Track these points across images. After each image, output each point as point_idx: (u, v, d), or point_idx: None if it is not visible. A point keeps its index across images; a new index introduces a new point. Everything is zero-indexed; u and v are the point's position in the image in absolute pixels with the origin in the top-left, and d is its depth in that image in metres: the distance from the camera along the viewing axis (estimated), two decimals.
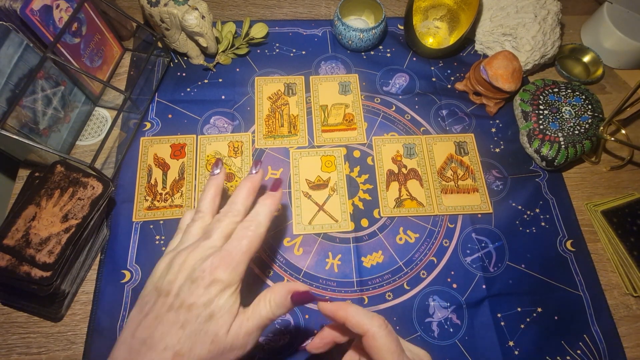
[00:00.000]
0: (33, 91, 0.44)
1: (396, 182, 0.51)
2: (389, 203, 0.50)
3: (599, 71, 0.62)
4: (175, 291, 0.31)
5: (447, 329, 0.44)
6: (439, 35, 0.62)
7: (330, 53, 0.60)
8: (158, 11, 0.50)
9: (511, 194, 0.52)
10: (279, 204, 0.40)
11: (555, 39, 0.58)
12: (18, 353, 0.41)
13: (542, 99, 0.54)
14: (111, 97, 0.55)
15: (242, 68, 0.58)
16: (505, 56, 0.53)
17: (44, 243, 0.39)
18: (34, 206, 0.40)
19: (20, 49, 0.42)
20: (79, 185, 0.42)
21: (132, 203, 0.48)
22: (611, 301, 0.47)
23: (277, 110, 0.55)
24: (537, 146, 0.52)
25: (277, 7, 0.65)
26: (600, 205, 0.52)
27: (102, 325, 0.42)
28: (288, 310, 0.33)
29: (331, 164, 0.52)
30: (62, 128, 0.49)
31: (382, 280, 0.46)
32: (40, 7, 0.43)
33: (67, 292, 0.42)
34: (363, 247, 0.47)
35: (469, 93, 0.58)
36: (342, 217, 0.49)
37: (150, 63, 0.57)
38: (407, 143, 0.54)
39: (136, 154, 0.51)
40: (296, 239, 0.48)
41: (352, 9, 0.61)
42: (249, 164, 0.51)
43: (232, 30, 0.57)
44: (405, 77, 0.59)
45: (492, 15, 0.60)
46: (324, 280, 0.46)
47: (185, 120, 0.54)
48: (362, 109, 0.56)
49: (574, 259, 0.48)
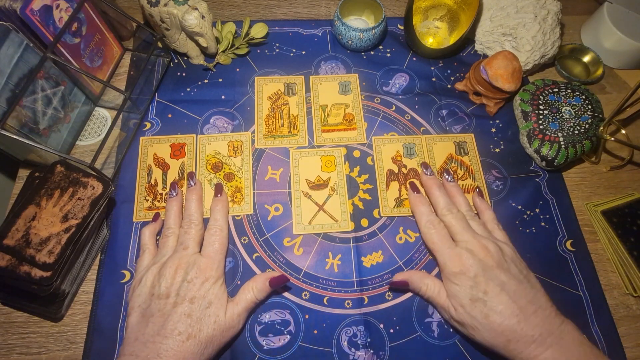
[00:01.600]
0: (33, 91, 0.44)
1: (396, 182, 0.51)
2: (389, 203, 0.50)
3: (599, 71, 0.62)
4: (175, 292, 0.38)
5: (447, 329, 0.44)
6: (439, 35, 0.62)
7: (330, 53, 0.60)
8: (158, 11, 0.50)
9: (511, 194, 0.52)
10: (228, 204, 0.48)
11: (555, 39, 0.58)
12: (18, 353, 0.41)
13: (542, 99, 0.54)
14: (111, 97, 0.55)
15: (242, 68, 0.58)
16: (505, 56, 0.53)
17: (44, 243, 0.39)
18: (34, 206, 0.40)
19: (20, 49, 0.42)
20: (79, 185, 0.42)
21: (132, 203, 0.48)
22: (611, 301, 0.47)
23: (277, 110, 0.55)
24: (537, 146, 0.52)
25: (277, 7, 0.65)
26: (600, 205, 0.52)
27: (102, 325, 0.42)
28: (267, 293, 0.42)
29: (331, 164, 0.52)
30: (62, 128, 0.49)
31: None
32: (40, 7, 0.43)
33: (67, 292, 0.42)
34: (363, 247, 0.48)
35: (469, 93, 0.58)
36: (342, 217, 0.49)
37: (150, 63, 0.57)
38: (407, 143, 0.54)
39: (136, 154, 0.51)
40: (296, 239, 0.48)
41: (352, 9, 0.61)
42: (248, 163, 0.51)
43: (232, 30, 0.57)
44: (405, 77, 0.59)
45: (492, 15, 0.60)
46: (324, 280, 0.46)
47: (185, 120, 0.54)
48: (362, 108, 0.56)
49: (574, 259, 0.48)
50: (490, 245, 0.40)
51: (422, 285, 0.42)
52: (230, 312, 0.39)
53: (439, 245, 0.42)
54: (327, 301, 0.45)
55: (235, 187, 0.50)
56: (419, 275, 0.43)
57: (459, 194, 0.47)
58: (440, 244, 0.42)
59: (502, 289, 0.38)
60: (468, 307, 0.38)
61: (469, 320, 0.38)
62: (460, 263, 0.40)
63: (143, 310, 0.38)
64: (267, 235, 0.48)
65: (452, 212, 0.44)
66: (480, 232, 0.43)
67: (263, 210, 0.49)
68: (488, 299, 0.37)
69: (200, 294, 0.38)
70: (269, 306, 0.44)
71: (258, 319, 0.43)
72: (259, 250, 0.47)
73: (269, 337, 0.43)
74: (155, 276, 0.39)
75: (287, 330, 0.43)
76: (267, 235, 0.48)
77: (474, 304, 0.38)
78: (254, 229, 0.48)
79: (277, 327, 0.43)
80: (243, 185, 0.50)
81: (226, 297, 0.40)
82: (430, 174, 0.48)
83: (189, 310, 0.37)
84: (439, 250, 0.42)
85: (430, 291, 0.41)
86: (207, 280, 0.39)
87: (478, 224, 0.44)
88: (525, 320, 0.36)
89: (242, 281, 0.45)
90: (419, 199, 0.47)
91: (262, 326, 0.43)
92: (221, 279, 0.41)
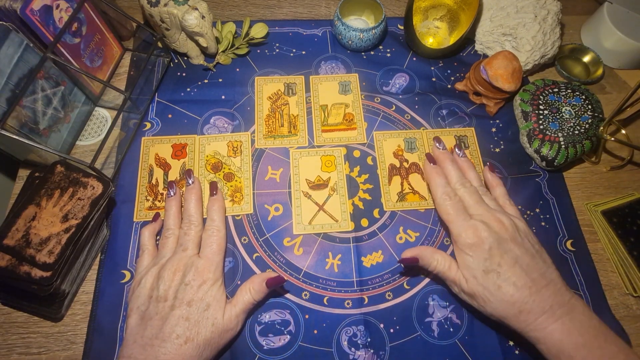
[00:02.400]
0: (33, 91, 0.44)
1: (398, 177, 0.52)
2: (391, 197, 0.50)
3: (599, 71, 0.62)
4: (172, 295, 0.38)
5: (447, 328, 0.44)
6: (439, 35, 0.62)
7: (330, 53, 0.60)
8: (158, 11, 0.50)
9: (511, 194, 0.51)
10: (224, 203, 0.47)
11: (555, 39, 0.58)
12: (18, 353, 0.41)
13: (542, 99, 0.54)
14: (111, 97, 0.55)
15: (242, 68, 0.58)
16: (505, 56, 0.53)
17: (44, 243, 0.39)
18: (34, 206, 0.40)
19: (20, 49, 0.42)
20: (79, 185, 0.42)
21: (132, 203, 0.48)
22: (611, 301, 0.47)
23: (277, 110, 0.55)
24: (537, 146, 0.52)
25: (277, 7, 0.65)
26: (600, 205, 0.52)
27: (102, 325, 0.42)
28: (264, 294, 0.41)
29: (331, 163, 0.52)
30: (62, 128, 0.49)
31: (382, 280, 0.46)
32: (40, 7, 0.43)
33: (67, 292, 0.42)
34: (363, 246, 0.48)
35: (469, 93, 0.58)
36: (342, 217, 0.49)
37: (150, 63, 0.57)
38: (408, 137, 0.54)
39: (136, 154, 0.51)
40: (296, 239, 0.48)
41: (352, 9, 0.61)
42: (248, 163, 0.51)
43: (232, 30, 0.57)
44: (405, 77, 0.59)
45: (492, 15, 0.60)
46: (323, 280, 0.46)
47: (186, 120, 0.54)
48: (362, 108, 0.56)
49: (574, 258, 0.48)
50: (504, 219, 0.41)
51: (432, 260, 0.42)
52: (229, 314, 0.39)
53: (453, 217, 0.42)
54: (327, 301, 0.45)
55: (235, 187, 0.50)
56: (430, 251, 0.42)
57: (471, 169, 0.47)
58: (455, 215, 0.42)
59: (515, 262, 0.38)
60: (481, 278, 0.38)
61: (481, 291, 0.38)
62: (475, 235, 0.40)
63: (142, 312, 0.38)
64: (267, 235, 0.48)
65: (465, 186, 0.44)
66: (493, 207, 0.43)
67: (263, 210, 0.49)
68: (502, 271, 0.38)
69: (198, 297, 0.38)
70: (269, 306, 0.44)
71: (258, 319, 0.43)
72: (259, 250, 0.47)
73: (269, 337, 0.43)
74: (154, 278, 0.39)
75: (287, 330, 0.43)
76: (267, 235, 0.48)
77: (487, 275, 0.38)
78: (254, 229, 0.48)
79: (277, 327, 0.43)
80: (243, 185, 0.50)
81: (224, 299, 0.40)
82: (443, 148, 0.48)
83: (187, 314, 0.37)
84: (453, 222, 0.42)
85: (441, 266, 0.41)
86: (204, 282, 0.39)
87: (490, 199, 0.44)
88: (537, 292, 0.37)
89: (242, 281, 0.45)
90: (436, 170, 0.46)
91: (262, 326, 0.43)
92: (219, 281, 0.41)
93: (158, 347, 0.35)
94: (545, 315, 0.36)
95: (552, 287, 0.38)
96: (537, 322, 0.36)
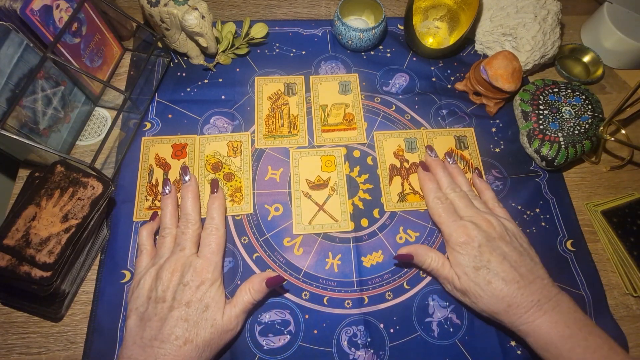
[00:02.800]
0: (33, 91, 0.44)
1: (399, 177, 0.52)
2: (392, 198, 0.50)
3: (599, 71, 0.62)
4: (171, 296, 0.38)
5: (447, 328, 0.44)
6: (439, 35, 0.62)
7: (330, 53, 0.60)
8: (158, 11, 0.50)
9: (511, 194, 0.52)
10: (224, 202, 0.47)
11: (555, 39, 0.58)
12: (18, 353, 0.41)
13: (542, 99, 0.54)
14: (111, 97, 0.55)
15: (242, 68, 0.58)
16: (505, 56, 0.53)
17: (44, 243, 0.39)
18: (34, 206, 0.40)
19: (20, 49, 0.42)
20: (79, 185, 0.42)
21: (132, 203, 0.48)
22: (611, 301, 0.47)
23: (277, 110, 0.55)
24: (537, 146, 0.52)
25: (277, 7, 0.65)
26: (600, 205, 0.52)
27: (102, 325, 0.42)
28: (264, 294, 0.41)
29: (331, 163, 0.52)
30: (62, 128, 0.49)
31: (382, 280, 0.46)
32: (40, 7, 0.43)
33: (67, 292, 0.42)
34: (363, 246, 0.48)
35: (469, 93, 0.58)
36: (342, 217, 0.49)
37: (150, 63, 0.57)
38: (409, 137, 0.54)
39: (136, 154, 0.51)
40: (296, 239, 0.48)
41: (352, 9, 0.61)
42: (248, 163, 0.51)
43: (232, 30, 0.57)
44: (405, 77, 0.59)
45: (492, 15, 0.60)
46: (323, 280, 0.46)
47: (186, 120, 0.54)
48: (362, 108, 0.56)
49: (574, 258, 0.48)
50: (492, 219, 0.43)
51: (426, 258, 0.43)
52: (228, 315, 0.39)
53: (444, 218, 0.44)
54: (327, 301, 0.45)
55: (235, 187, 0.50)
56: (424, 249, 0.44)
57: (460, 175, 0.50)
58: (446, 217, 0.44)
59: (504, 258, 0.40)
60: (472, 274, 0.40)
61: (472, 287, 0.40)
62: (465, 233, 0.42)
63: (141, 313, 0.38)
64: (267, 235, 0.48)
65: (456, 191, 0.47)
66: (482, 209, 0.45)
67: (263, 210, 0.49)
68: (491, 267, 0.40)
69: (196, 298, 0.38)
70: (269, 306, 0.44)
71: (258, 319, 0.43)
72: (259, 250, 0.47)
73: (269, 337, 0.43)
74: (153, 279, 0.39)
75: (287, 330, 0.43)
76: (267, 235, 0.48)
77: (477, 272, 0.40)
78: (254, 229, 0.48)
79: (277, 327, 0.43)
80: (243, 185, 0.50)
81: (223, 300, 0.40)
82: (434, 156, 0.51)
83: (186, 315, 0.37)
84: (444, 223, 0.44)
85: (435, 263, 0.43)
86: (203, 283, 0.39)
87: (479, 203, 0.47)
88: (525, 287, 0.39)
89: (242, 281, 0.45)
90: (428, 177, 0.49)
91: (262, 326, 0.43)
92: (218, 281, 0.40)
93: (157, 348, 0.35)
94: (533, 309, 0.38)
95: (540, 282, 0.40)
96: (526, 315, 0.38)
